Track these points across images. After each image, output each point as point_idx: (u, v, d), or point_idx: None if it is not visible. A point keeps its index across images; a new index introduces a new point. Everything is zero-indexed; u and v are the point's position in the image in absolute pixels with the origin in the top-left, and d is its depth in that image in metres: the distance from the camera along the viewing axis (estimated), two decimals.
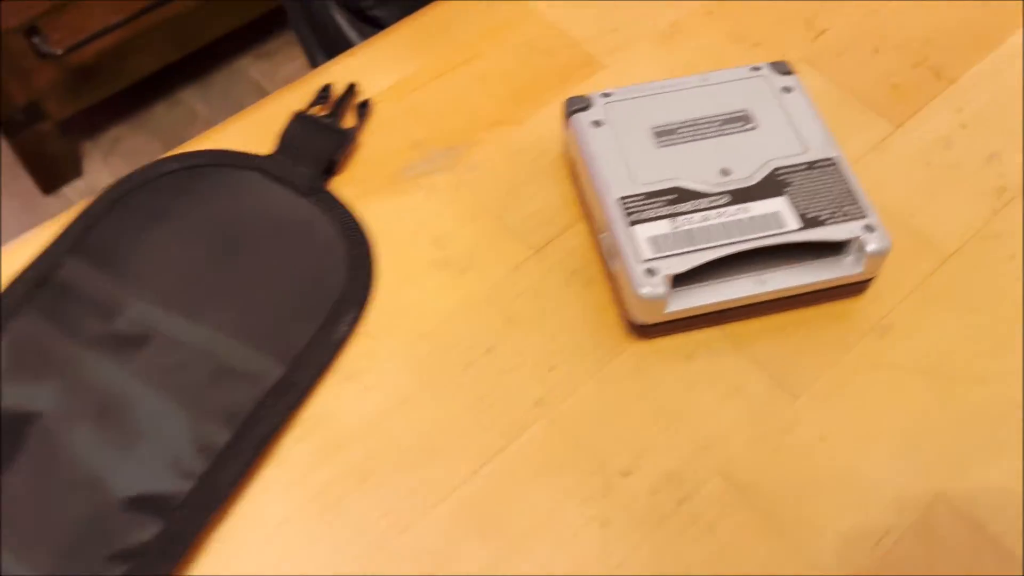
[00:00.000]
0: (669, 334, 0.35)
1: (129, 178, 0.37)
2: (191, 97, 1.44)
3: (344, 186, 0.38)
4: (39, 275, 0.35)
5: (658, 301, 0.33)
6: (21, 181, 1.34)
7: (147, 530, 0.30)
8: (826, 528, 0.31)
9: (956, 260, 0.37)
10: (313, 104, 0.40)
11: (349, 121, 0.40)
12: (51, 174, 1.34)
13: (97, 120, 1.39)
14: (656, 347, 0.35)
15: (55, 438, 0.31)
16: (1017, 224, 0.38)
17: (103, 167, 1.38)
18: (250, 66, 1.46)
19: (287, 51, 1.47)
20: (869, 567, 0.30)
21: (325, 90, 0.41)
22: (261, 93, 1.43)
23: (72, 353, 0.33)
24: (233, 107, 1.31)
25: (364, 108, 0.40)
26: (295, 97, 0.41)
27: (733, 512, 0.31)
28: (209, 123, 1.43)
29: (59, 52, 1.20)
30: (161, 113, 1.42)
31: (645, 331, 0.35)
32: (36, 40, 1.19)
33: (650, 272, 0.33)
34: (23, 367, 0.32)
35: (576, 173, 0.38)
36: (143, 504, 0.30)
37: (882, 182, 0.39)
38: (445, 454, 0.32)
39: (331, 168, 0.38)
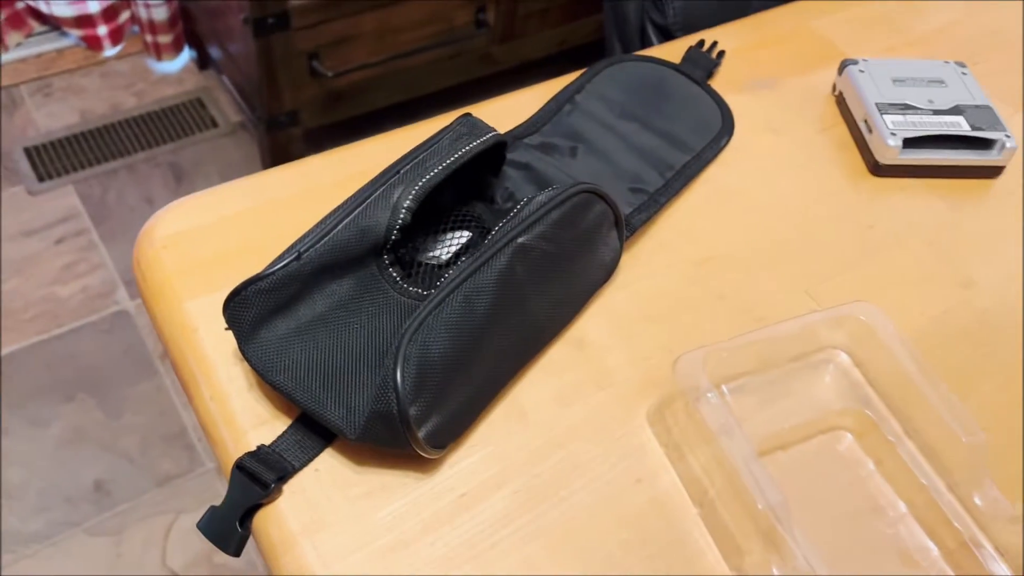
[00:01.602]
0: (894, 176, 0.67)
1: (605, 62, 0.71)
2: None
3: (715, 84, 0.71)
4: (565, 98, 0.67)
5: (894, 149, 0.65)
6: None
7: (636, 201, 0.61)
8: None
9: None
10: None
11: None
12: None
13: (322, 139, 1.76)
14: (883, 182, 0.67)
15: (600, 153, 0.63)
16: None
17: None
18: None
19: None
20: None
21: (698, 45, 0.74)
22: None
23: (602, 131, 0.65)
24: None
25: (720, 57, 0.74)
26: None
27: None
28: None
29: (329, 74, 1.56)
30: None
31: (881, 170, 0.67)
32: (315, 63, 1.55)
33: (893, 134, 0.65)
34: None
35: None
36: (635, 190, 0.62)
37: None
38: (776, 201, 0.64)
39: (709, 76, 0.72)
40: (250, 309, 0.49)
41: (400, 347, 0.46)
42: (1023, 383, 0.57)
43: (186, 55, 1.88)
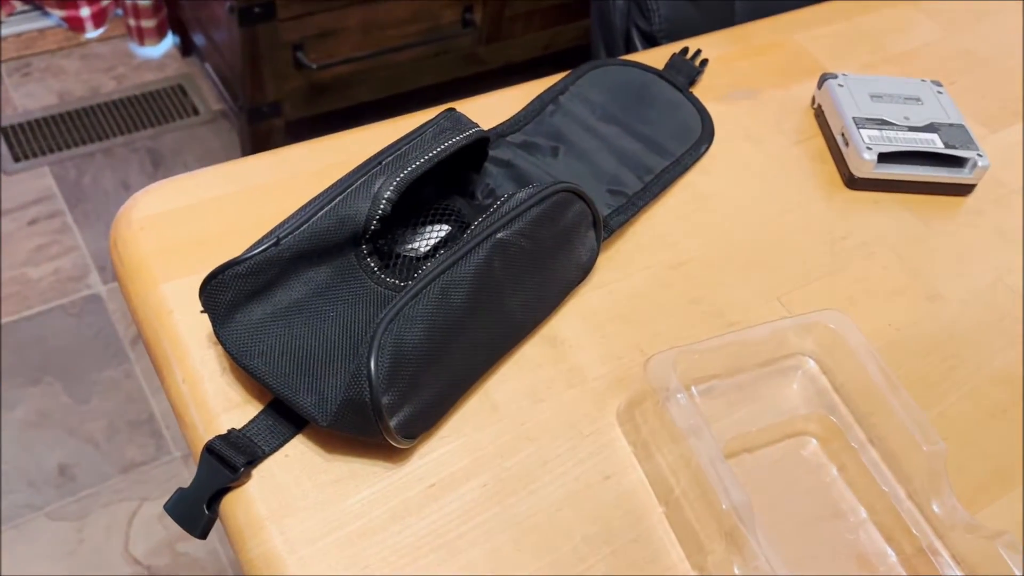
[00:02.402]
0: (868, 189, 0.68)
1: (590, 64, 0.71)
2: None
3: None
4: (549, 98, 0.68)
5: (870, 163, 0.66)
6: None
7: (614, 203, 0.62)
8: None
9: None
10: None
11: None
12: None
13: (303, 132, 1.75)
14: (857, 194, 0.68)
15: (581, 154, 0.64)
16: None
17: None
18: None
19: None
20: None
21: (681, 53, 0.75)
22: None
23: (583, 132, 0.66)
24: None
25: (703, 65, 0.75)
26: None
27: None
28: None
29: (313, 67, 1.56)
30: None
31: (856, 183, 0.68)
32: (299, 54, 1.55)
33: (869, 148, 0.66)
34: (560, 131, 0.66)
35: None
36: (614, 192, 0.63)
37: None
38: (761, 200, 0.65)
39: (691, 83, 0.72)
40: (226, 293, 0.49)
41: (375, 336, 0.46)
42: (984, 396, 0.58)
43: (169, 41, 1.86)
